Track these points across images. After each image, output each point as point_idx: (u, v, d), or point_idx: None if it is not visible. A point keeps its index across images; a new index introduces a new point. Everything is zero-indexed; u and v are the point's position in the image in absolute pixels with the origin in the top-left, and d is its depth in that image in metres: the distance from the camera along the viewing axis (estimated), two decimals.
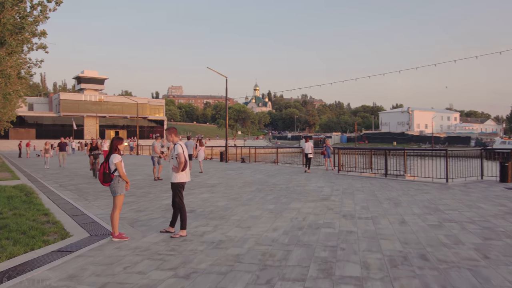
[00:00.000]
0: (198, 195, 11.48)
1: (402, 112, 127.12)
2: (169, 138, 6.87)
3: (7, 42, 20.71)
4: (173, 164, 6.74)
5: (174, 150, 6.71)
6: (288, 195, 11.26)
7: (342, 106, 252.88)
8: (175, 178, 6.71)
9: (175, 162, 6.69)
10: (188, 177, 6.85)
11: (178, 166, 6.61)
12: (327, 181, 14.84)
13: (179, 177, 6.71)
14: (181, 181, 6.73)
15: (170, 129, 6.91)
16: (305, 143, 19.66)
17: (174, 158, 6.71)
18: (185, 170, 6.77)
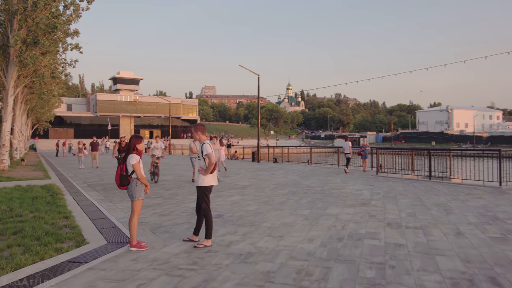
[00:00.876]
0: (227, 198, 10.79)
1: (441, 111, 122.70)
2: (196, 136, 6.20)
3: (40, 41, 20.84)
4: (200, 165, 6.05)
5: (202, 150, 6.02)
6: (324, 199, 10.40)
7: (377, 105, 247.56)
8: (202, 181, 6.00)
9: (202, 163, 6.00)
10: (215, 180, 6.15)
11: (207, 167, 5.92)
12: (366, 184, 13.85)
13: (207, 180, 6.01)
14: (209, 184, 6.04)
15: (197, 126, 6.22)
16: (344, 142, 18.92)
17: (202, 159, 6.02)
18: (213, 173, 6.08)
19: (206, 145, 5.99)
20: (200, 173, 5.97)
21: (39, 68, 22.31)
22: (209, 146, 5.99)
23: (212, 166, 5.92)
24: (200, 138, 6.16)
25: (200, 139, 6.15)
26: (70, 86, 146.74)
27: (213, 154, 5.98)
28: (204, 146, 5.99)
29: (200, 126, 6.22)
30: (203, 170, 5.94)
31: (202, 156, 6.00)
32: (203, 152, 5.98)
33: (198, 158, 6.10)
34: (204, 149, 5.97)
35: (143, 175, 5.88)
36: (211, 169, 5.93)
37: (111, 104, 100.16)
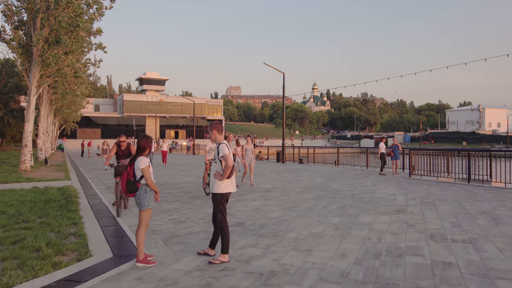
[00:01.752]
0: (249, 203, 10.04)
1: (472, 110, 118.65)
2: (212, 136, 5.48)
3: (62, 40, 20.62)
4: (216, 169, 5.32)
5: (218, 151, 5.29)
6: (355, 205, 9.52)
7: (404, 104, 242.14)
8: (218, 187, 5.25)
9: (218, 167, 5.27)
10: (233, 186, 5.41)
11: (224, 171, 5.18)
12: (399, 187, 12.85)
13: (224, 186, 5.26)
14: (225, 191, 5.29)
15: (213, 125, 5.46)
16: (380, 142, 18.11)
17: (218, 162, 5.28)
18: (231, 178, 5.34)
19: (223, 146, 5.24)
20: (216, 178, 5.23)
21: (62, 68, 22.13)
22: (226, 146, 5.26)
23: (229, 170, 5.17)
24: (216, 137, 5.42)
25: (216, 139, 5.42)
26: (98, 87, 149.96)
27: (230, 156, 5.22)
28: (221, 146, 5.25)
29: (217, 124, 5.48)
30: (219, 175, 5.20)
31: (218, 158, 5.27)
32: (219, 154, 5.24)
33: (214, 161, 5.36)
34: (221, 150, 5.22)
35: (153, 180, 5.18)
36: (228, 173, 5.18)
37: (137, 105, 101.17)
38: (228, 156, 5.18)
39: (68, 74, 22.08)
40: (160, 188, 13.13)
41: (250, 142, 14.86)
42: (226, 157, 5.16)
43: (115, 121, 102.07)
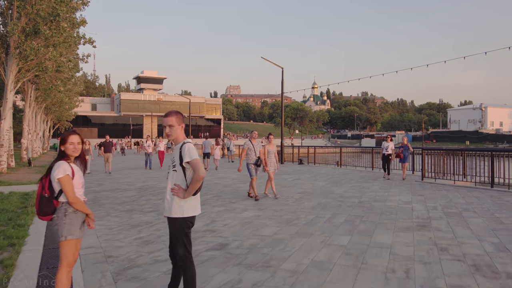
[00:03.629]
0: (239, 213, 8.39)
1: (474, 109, 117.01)
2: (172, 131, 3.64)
3: (41, 31, 18.95)
4: (174, 180, 3.58)
5: (181, 155, 3.52)
6: (366, 217, 7.87)
7: (405, 104, 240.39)
8: (179, 209, 3.50)
9: (179, 178, 3.54)
10: (198, 207, 3.71)
11: (191, 185, 3.46)
12: (413, 193, 11.20)
13: (187, 207, 3.53)
14: (189, 214, 3.57)
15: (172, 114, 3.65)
16: (384, 142, 15.73)
17: (180, 170, 3.53)
18: (197, 195, 3.64)
19: (188, 147, 3.52)
20: (176, 195, 3.55)
21: (43, 62, 20.48)
22: (193, 148, 3.57)
23: (198, 183, 3.46)
24: (177, 133, 3.65)
25: (177, 135, 3.67)
26: (96, 86, 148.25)
27: (200, 161, 3.54)
28: (187, 148, 3.52)
29: (177, 113, 3.68)
30: (182, 190, 3.51)
31: (181, 165, 3.55)
32: (184, 158, 3.49)
33: (173, 169, 3.65)
34: (187, 153, 3.47)
35: (76, 197, 3.52)
36: (196, 187, 3.51)
37: (134, 104, 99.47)
38: (199, 162, 3.47)
39: (49, 68, 20.39)
40: (141, 194, 11.50)
41: (273, 143, 11.15)
42: (196, 164, 3.43)
43: (112, 120, 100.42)
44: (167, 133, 3.62)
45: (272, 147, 10.97)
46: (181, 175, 3.52)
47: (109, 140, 19.57)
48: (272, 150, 10.92)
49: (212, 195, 11.20)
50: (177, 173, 3.53)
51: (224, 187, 13.08)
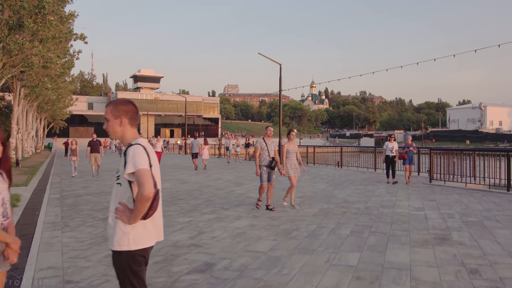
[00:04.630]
0: (231, 223, 7.41)
1: (473, 108, 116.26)
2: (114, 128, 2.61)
3: (25, 24, 17.95)
4: (119, 197, 2.53)
5: (126, 162, 2.46)
6: (375, 227, 6.91)
7: (403, 103, 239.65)
8: (124, 238, 2.47)
9: (124, 193, 2.50)
10: (159, 233, 2.67)
11: (137, 206, 2.39)
12: (424, 198, 10.25)
13: (135, 235, 2.48)
14: (139, 246, 2.49)
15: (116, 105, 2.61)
16: (390, 143, 13.82)
17: (125, 183, 2.49)
18: (152, 216, 2.51)
19: (133, 152, 2.46)
20: (119, 219, 2.48)
21: (29, 57, 19.47)
22: (140, 152, 2.47)
23: (143, 204, 2.36)
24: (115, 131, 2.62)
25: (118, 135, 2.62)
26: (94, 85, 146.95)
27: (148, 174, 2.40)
28: (131, 152, 2.46)
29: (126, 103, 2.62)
30: (126, 212, 2.45)
31: (125, 178, 2.47)
32: (127, 168, 2.42)
33: (117, 180, 2.59)
34: (130, 160, 2.43)
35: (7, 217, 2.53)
36: (145, 210, 2.40)
37: None
38: (146, 175, 2.38)
39: (35, 64, 19.37)
40: None
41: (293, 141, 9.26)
42: (141, 177, 2.37)
43: None
44: (107, 128, 2.63)
45: (293, 146, 9.15)
46: (127, 191, 2.47)
47: (97, 139, 17.61)
48: (292, 149, 9.09)
49: (203, 200, 10.22)
50: (122, 187, 2.50)
51: (217, 190, 12.10)
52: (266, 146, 8.81)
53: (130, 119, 2.58)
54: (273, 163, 8.72)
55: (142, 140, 2.56)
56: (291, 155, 9.10)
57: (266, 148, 8.80)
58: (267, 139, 8.94)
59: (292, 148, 9.11)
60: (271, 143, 8.95)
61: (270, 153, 8.78)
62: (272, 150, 8.85)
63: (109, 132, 2.60)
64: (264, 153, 8.80)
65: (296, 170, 9.07)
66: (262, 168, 8.73)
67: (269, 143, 8.87)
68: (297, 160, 9.19)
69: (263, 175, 8.75)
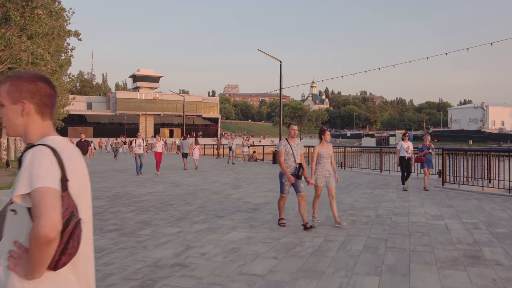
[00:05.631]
0: (224, 235, 6.46)
1: (475, 108, 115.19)
2: (5, 117, 1.59)
3: (11, 18, 17.02)
4: (13, 231, 1.48)
5: (19, 178, 1.43)
6: (391, 240, 5.96)
7: (404, 103, 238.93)
8: None
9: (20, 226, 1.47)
10: None
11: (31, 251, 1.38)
12: (439, 203, 9.29)
13: None
14: None
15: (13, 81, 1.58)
16: (405, 142, 11.91)
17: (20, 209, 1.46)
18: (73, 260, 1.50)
19: (32, 158, 1.46)
20: (11, 269, 1.44)
21: (18, 53, 18.53)
22: (42, 159, 1.45)
23: (45, 246, 1.35)
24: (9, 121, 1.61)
25: (25, 129, 1.61)
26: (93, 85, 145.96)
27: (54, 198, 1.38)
28: (27, 159, 1.46)
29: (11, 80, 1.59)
30: (23, 260, 1.43)
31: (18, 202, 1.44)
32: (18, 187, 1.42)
33: (11, 207, 1.52)
34: (23, 174, 1.43)
35: None
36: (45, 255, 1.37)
37: (130, 102, 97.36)
38: (51, 195, 1.39)
39: (24, 61, 18.42)
40: (111, 204, 9.57)
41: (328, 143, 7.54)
42: (42, 201, 1.37)
43: (108, 119, 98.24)
44: None
45: (327, 148, 7.32)
46: (25, 223, 1.46)
47: (85, 140, 16.46)
48: (326, 153, 7.26)
49: (196, 206, 9.27)
50: (17, 216, 1.49)
51: (212, 194, 11.15)
52: (291, 149, 7.03)
53: (40, 105, 1.61)
54: (300, 171, 6.98)
55: (54, 138, 1.60)
56: (324, 160, 7.27)
57: (291, 152, 7.00)
58: (291, 140, 7.15)
59: (325, 151, 7.27)
60: (297, 145, 7.17)
61: (296, 158, 7.04)
62: (298, 155, 7.09)
63: (4, 126, 1.64)
64: (288, 158, 7.00)
65: (328, 179, 7.29)
66: (284, 177, 7.03)
67: (294, 146, 7.09)
68: (331, 165, 7.41)
69: (285, 185, 7.07)
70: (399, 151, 11.92)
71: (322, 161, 7.27)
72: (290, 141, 7.13)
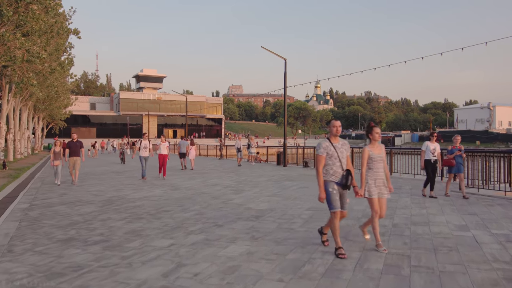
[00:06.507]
0: (222, 248, 5.67)
1: (482, 108, 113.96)
2: None
3: (4, 13, 16.33)
4: None
5: None
6: (416, 257, 5.14)
7: (409, 103, 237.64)
8: None
9: None
10: None
11: None
12: (460, 210, 8.45)
13: None
14: None
15: None
16: (431, 143, 10.50)
17: None
18: None
19: None
20: None
21: (12, 50, 17.84)
22: None
23: None
24: None
25: None
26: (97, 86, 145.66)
27: None
28: None
29: None
30: None
31: None
32: None
33: None
34: None
35: None
36: None
37: (134, 103, 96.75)
38: None
39: (18, 58, 17.73)
40: (102, 210, 8.81)
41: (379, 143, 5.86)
42: None
43: (111, 119, 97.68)
44: None
45: (379, 150, 5.71)
46: None
47: (77, 140, 14.69)
48: (378, 156, 5.67)
49: (194, 213, 8.48)
50: None
51: (212, 199, 10.36)
52: (335, 151, 5.41)
53: None
54: (349, 179, 5.35)
55: None
56: (376, 164, 5.65)
57: (336, 155, 5.41)
58: (334, 140, 5.49)
59: (377, 153, 5.67)
60: (341, 145, 5.50)
61: (343, 163, 5.45)
62: (344, 158, 5.48)
63: None
64: (333, 163, 5.40)
65: (381, 189, 5.65)
66: (331, 186, 5.36)
67: (338, 147, 5.46)
68: (384, 171, 5.76)
69: (334, 195, 5.33)
70: (425, 152, 10.49)
71: (375, 166, 5.65)
72: (333, 141, 5.47)
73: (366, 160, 5.67)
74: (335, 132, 5.44)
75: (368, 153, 5.67)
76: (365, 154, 5.69)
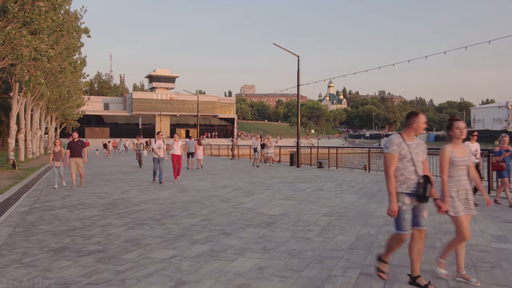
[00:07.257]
0: (230, 262, 5.01)
1: (500, 107, 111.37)
2: None
3: (8, 9, 15.94)
4: None
5: None
6: (455, 277, 4.42)
7: (424, 103, 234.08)
8: None
9: None
10: None
11: None
12: (494, 218, 7.65)
13: None
14: None
15: None
16: (472, 143, 9.13)
17: None
18: None
19: None
20: None
21: (19, 48, 17.48)
22: None
23: None
24: None
25: None
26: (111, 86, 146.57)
27: None
28: None
29: None
30: None
31: None
32: None
33: None
34: None
35: None
36: None
37: (146, 103, 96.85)
38: None
39: (25, 56, 17.35)
40: (103, 215, 8.22)
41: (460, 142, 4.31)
42: None
43: (124, 119, 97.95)
44: None
45: (462, 152, 4.30)
46: None
47: (78, 139, 13.87)
48: (462, 159, 4.26)
49: (200, 218, 7.84)
50: None
51: (221, 203, 9.72)
52: (409, 151, 4.08)
53: None
54: (427, 188, 3.98)
55: None
56: (459, 171, 4.28)
57: (410, 157, 4.07)
58: (408, 137, 4.16)
59: (461, 156, 4.27)
60: (417, 145, 4.16)
61: (417, 167, 4.08)
62: (419, 161, 4.12)
63: None
64: (405, 167, 4.08)
65: (467, 203, 4.29)
66: (402, 199, 4.03)
67: (413, 146, 4.12)
68: (468, 179, 4.36)
69: (405, 214, 4.00)
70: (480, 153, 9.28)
71: (457, 173, 4.27)
72: (406, 139, 4.13)
73: (447, 163, 4.26)
74: (416, 128, 4.11)
75: (449, 155, 4.25)
76: (445, 155, 4.25)
